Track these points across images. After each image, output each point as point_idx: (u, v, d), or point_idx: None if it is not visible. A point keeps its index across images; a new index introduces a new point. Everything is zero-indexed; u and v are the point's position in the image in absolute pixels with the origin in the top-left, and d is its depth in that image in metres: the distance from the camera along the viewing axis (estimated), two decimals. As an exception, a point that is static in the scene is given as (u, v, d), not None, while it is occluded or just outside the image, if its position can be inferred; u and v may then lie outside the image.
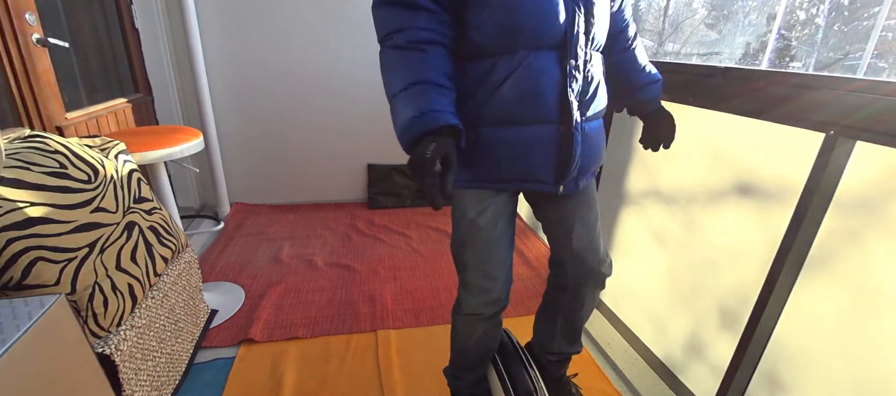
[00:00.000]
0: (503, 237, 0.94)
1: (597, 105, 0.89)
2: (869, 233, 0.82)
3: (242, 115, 2.40)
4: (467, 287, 0.97)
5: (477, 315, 0.99)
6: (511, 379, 1.06)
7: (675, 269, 1.31)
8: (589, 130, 0.88)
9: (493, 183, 0.89)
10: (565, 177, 0.87)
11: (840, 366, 0.88)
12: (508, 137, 0.84)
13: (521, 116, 0.83)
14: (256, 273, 1.86)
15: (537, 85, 0.81)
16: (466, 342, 1.06)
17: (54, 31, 1.54)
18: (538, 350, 1.18)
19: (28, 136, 0.99)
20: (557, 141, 0.84)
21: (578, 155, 0.85)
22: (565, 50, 0.81)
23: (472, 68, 0.83)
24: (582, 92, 0.84)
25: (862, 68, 5.98)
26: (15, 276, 0.80)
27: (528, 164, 0.86)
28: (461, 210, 0.93)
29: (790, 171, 0.96)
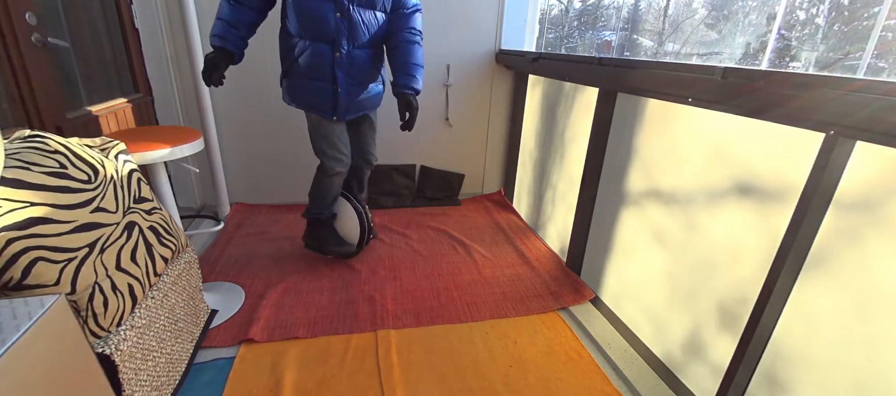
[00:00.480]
0: (342, 130, 1.74)
1: (360, 75, 1.63)
2: (869, 233, 0.82)
3: (242, 115, 2.40)
4: (326, 155, 1.72)
5: (338, 174, 1.77)
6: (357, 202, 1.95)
7: (674, 269, 1.31)
8: (351, 88, 1.63)
9: (304, 107, 1.67)
10: (336, 111, 1.65)
11: (840, 366, 0.88)
12: (306, 86, 1.61)
13: (312, 75, 1.59)
14: (256, 273, 1.86)
15: (319, 59, 1.56)
16: (330, 191, 1.82)
17: (54, 31, 1.54)
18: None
19: (28, 136, 0.99)
20: (331, 93, 1.61)
21: (343, 102, 1.63)
22: (334, 43, 1.55)
23: (289, 40, 1.58)
24: (347, 66, 1.59)
25: (862, 68, 5.97)
26: (15, 276, 0.80)
27: (317, 101, 1.63)
28: (310, 118, 1.71)
29: (790, 171, 0.96)
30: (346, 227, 1.92)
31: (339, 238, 1.91)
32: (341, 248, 1.88)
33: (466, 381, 1.32)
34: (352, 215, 1.87)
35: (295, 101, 1.65)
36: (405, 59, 1.60)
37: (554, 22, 12.45)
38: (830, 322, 0.89)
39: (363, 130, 1.85)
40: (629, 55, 10.74)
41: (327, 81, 1.57)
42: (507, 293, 1.79)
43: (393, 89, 1.64)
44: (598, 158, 1.69)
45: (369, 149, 1.90)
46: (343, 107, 1.63)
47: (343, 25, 1.51)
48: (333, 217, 1.92)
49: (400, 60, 1.61)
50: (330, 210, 1.89)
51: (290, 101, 1.66)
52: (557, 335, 1.54)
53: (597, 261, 1.75)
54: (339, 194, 1.88)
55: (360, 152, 1.89)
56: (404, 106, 1.62)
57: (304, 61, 1.55)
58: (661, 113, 1.36)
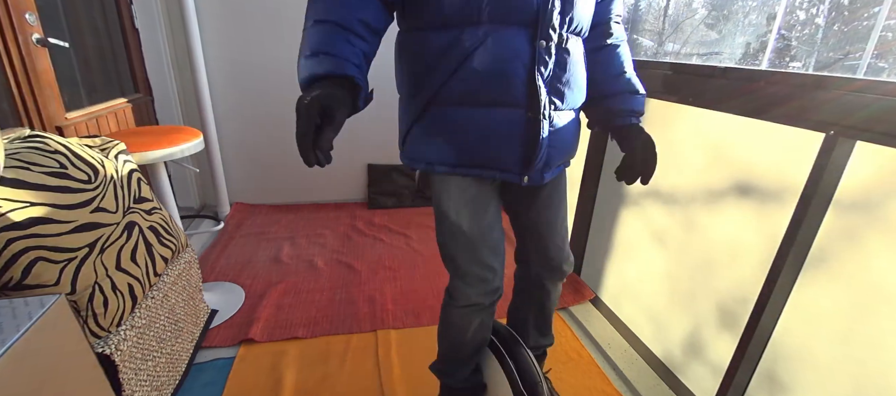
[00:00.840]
0: (495, 223, 0.91)
1: (571, 94, 0.83)
2: (869, 233, 0.82)
3: (242, 115, 2.40)
4: (463, 278, 0.92)
5: (475, 306, 0.95)
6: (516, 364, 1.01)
7: (674, 269, 1.31)
8: (559, 120, 0.82)
9: (465, 167, 0.83)
10: (530, 167, 0.82)
11: (840, 365, 0.88)
12: (471, 118, 0.79)
13: (486, 97, 0.77)
14: (256, 273, 1.86)
15: (504, 64, 0.75)
16: (464, 334, 1.00)
17: (54, 32, 1.54)
18: None
19: (28, 136, 0.99)
20: (523, 127, 0.79)
21: (546, 145, 0.80)
22: (537, 28, 0.74)
23: (434, 38, 0.77)
24: (554, 77, 0.79)
25: (862, 68, 5.97)
26: (15, 276, 0.80)
27: (492, 149, 0.81)
28: (439, 199, 0.88)
29: (790, 171, 0.96)
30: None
31: None
32: None
33: (466, 381, 1.32)
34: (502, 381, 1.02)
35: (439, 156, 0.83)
36: (622, 66, 0.92)
37: (554, 22, 12.36)
38: (830, 322, 0.89)
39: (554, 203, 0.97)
40: (629, 55, 10.70)
41: (518, 104, 0.78)
42: (508, 293, 1.79)
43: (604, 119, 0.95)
44: (598, 158, 1.69)
45: (562, 244, 1.01)
46: (543, 153, 0.81)
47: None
48: (479, 389, 1.12)
49: (615, 67, 0.92)
50: (466, 371, 1.09)
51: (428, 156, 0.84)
52: (557, 336, 1.54)
53: (597, 261, 1.75)
54: (485, 340, 1.06)
55: (539, 245, 1.00)
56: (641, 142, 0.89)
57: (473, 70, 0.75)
58: (661, 113, 1.36)
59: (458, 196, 0.86)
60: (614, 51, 0.92)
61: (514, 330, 1.13)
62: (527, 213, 0.97)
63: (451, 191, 0.86)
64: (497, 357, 1.05)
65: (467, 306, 0.95)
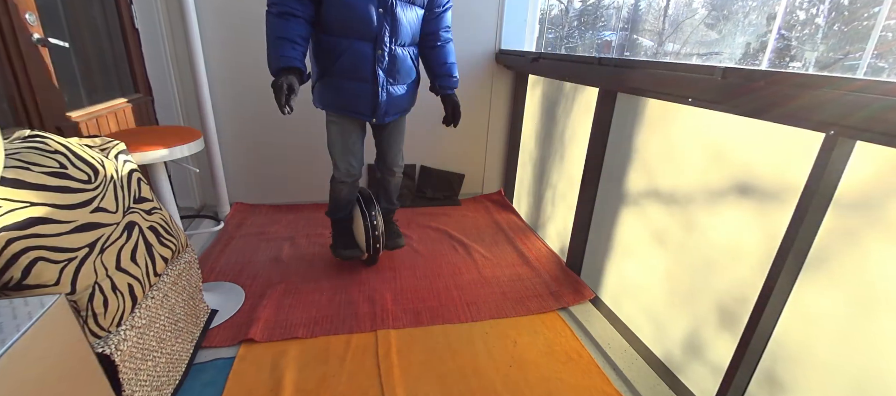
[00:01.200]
0: (357, 141, 1.70)
1: (399, 76, 1.59)
2: (869, 233, 0.82)
3: (242, 115, 2.40)
4: (338, 167, 1.71)
5: (343, 182, 1.75)
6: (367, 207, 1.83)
7: (674, 269, 1.31)
8: (391, 90, 1.59)
9: (340, 110, 1.60)
10: (376, 114, 1.59)
11: (840, 365, 0.88)
12: (345, 86, 1.54)
13: (352, 75, 1.52)
14: (256, 273, 1.86)
15: (360, 60, 1.50)
16: (339, 195, 1.79)
17: (54, 32, 1.54)
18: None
19: (28, 136, 0.99)
20: (370, 93, 1.55)
21: (383, 103, 1.58)
22: (376, 41, 1.49)
23: (327, 39, 1.50)
24: (388, 67, 1.54)
25: (862, 68, 5.97)
26: (15, 276, 0.80)
27: (355, 103, 1.57)
28: (329, 125, 1.66)
29: (790, 171, 0.96)
30: (358, 233, 1.86)
31: (347, 241, 1.88)
32: (347, 251, 1.85)
33: (466, 381, 1.32)
34: (359, 223, 1.82)
35: (329, 104, 1.59)
36: (445, 59, 1.65)
37: (554, 22, 12.46)
38: (830, 322, 0.89)
39: (393, 137, 1.78)
40: (629, 55, 10.74)
41: (367, 81, 1.52)
42: (507, 292, 1.79)
43: (437, 91, 1.72)
44: (597, 158, 1.69)
45: (395, 158, 1.82)
46: (383, 108, 1.58)
47: (386, 23, 1.46)
48: (346, 220, 1.89)
49: (439, 59, 1.65)
50: (342, 213, 1.86)
51: (324, 104, 1.60)
52: (557, 336, 1.54)
53: (597, 261, 1.75)
54: (352, 201, 1.85)
55: (384, 160, 1.83)
56: (451, 105, 1.69)
57: (344, 62, 1.48)
58: (661, 113, 1.36)
59: (337, 122, 1.64)
60: (440, 50, 1.66)
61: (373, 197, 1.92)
62: (380, 138, 1.80)
63: (333, 121, 1.64)
64: (358, 207, 1.85)
65: (340, 182, 1.75)
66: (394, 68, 1.55)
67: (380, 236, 1.80)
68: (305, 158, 2.57)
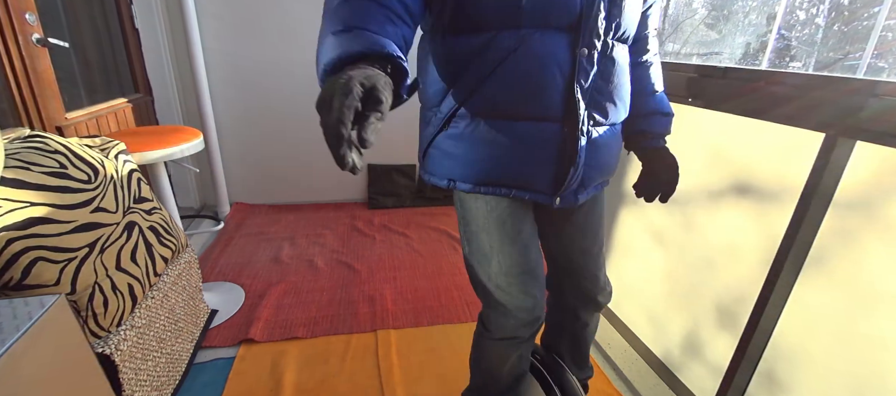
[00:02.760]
0: (532, 245, 0.80)
1: (614, 109, 0.75)
2: (869, 233, 0.82)
3: (242, 115, 2.40)
4: (500, 306, 0.80)
5: (514, 339, 0.84)
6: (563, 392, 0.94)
7: (674, 269, 1.31)
8: (599, 137, 0.75)
9: (492, 188, 0.76)
10: (564, 188, 0.74)
11: (839, 366, 0.88)
12: (500, 131, 0.71)
13: (518, 108, 0.70)
14: (256, 273, 1.86)
15: (540, 72, 0.67)
16: (500, 368, 0.89)
17: (54, 31, 1.54)
18: None
19: (28, 136, 0.99)
20: (558, 143, 0.71)
21: (582, 164, 0.73)
22: (579, 34, 0.66)
23: (464, 42, 0.69)
24: (595, 88, 0.71)
25: (862, 68, 5.97)
26: (15, 276, 0.80)
27: (521, 166, 0.73)
28: (470, 216, 0.79)
29: (790, 171, 0.96)
30: None
31: None
32: None
33: (466, 381, 1.31)
34: None
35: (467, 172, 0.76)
36: (653, 84, 0.87)
37: (554, 22, 12.37)
38: (830, 322, 0.89)
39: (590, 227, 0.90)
40: (629, 55, 10.70)
41: (553, 118, 0.71)
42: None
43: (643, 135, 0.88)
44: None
45: (596, 271, 0.93)
46: (580, 172, 0.75)
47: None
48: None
49: (646, 84, 0.86)
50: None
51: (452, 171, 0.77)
52: (557, 335, 1.54)
53: (597, 261, 1.75)
54: (523, 374, 0.94)
55: (573, 274, 0.93)
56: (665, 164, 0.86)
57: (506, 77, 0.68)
58: (661, 113, 1.36)
59: (487, 215, 0.77)
60: (650, 67, 0.87)
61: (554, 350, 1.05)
62: (559, 237, 0.89)
63: (480, 210, 0.78)
64: (541, 384, 0.96)
65: (504, 339, 0.84)
66: (608, 87, 0.73)
67: None
68: (306, 158, 2.57)
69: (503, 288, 0.78)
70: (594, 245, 0.90)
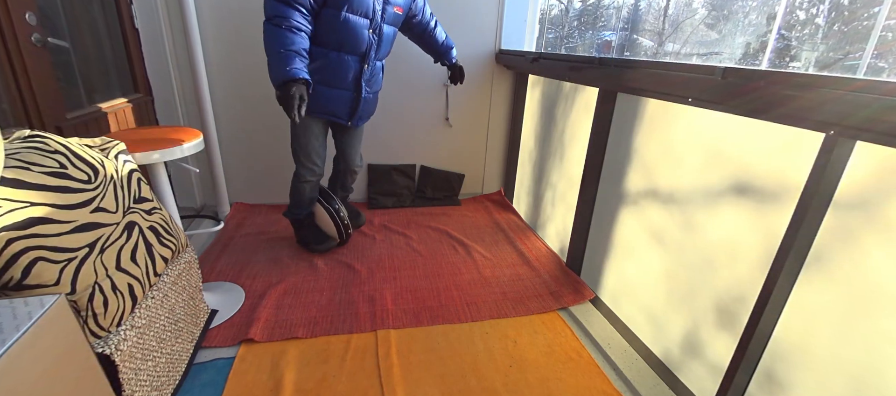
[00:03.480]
0: (324, 142, 1.91)
1: (375, 84, 1.88)
2: (869, 233, 0.82)
3: (242, 115, 2.40)
4: (304, 166, 1.88)
5: (308, 182, 1.92)
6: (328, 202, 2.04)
7: (674, 269, 1.31)
8: (367, 96, 1.85)
9: (321, 114, 1.79)
10: (353, 118, 1.87)
11: (839, 366, 0.88)
12: (325, 93, 1.74)
13: (337, 84, 1.74)
14: (256, 273, 1.86)
15: (347, 71, 1.73)
16: (303, 194, 1.96)
17: (54, 31, 1.54)
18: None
19: (28, 136, 0.99)
20: (351, 100, 1.81)
21: (361, 109, 1.85)
22: (363, 57, 1.74)
23: (318, 51, 1.66)
24: (369, 79, 1.80)
25: (862, 68, 5.98)
26: (15, 276, 0.80)
27: (335, 108, 1.80)
28: (298, 128, 1.81)
29: (790, 171, 0.96)
30: (324, 225, 2.08)
31: (319, 235, 2.06)
32: (322, 245, 2.04)
33: (466, 381, 1.32)
34: (324, 216, 2.03)
35: (311, 108, 1.71)
36: (443, 38, 2.08)
37: (554, 22, 12.46)
38: (830, 322, 0.89)
39: (356, 138, 2.06)
40: (629, 55, 10.74)
41: (349, 90, 1.77)
42: (507, 293, 1.79)
43: (445, 63, 2.15)
44: (597, 158, 1.69)
45: (355, 158, 2.10)
46: (359, 114, 1.86)
47: (374, 41, 1.71)
48: (310, 216, 2.08)
49: (438, 39, 2.06)
50: (306, 211, 2.04)
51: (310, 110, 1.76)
52: (557, 336, 1.54)
53: (597, 261, 1.75)
54: (314, 198, 2.03)
55: (346, 159, 2.09)
56: (458, 69, 2.17)
57: (329, 70, 1.69)
58: (661, 113, 1.37)
59: (308, 126, 1.81)
60: (435, 31, 2.04)
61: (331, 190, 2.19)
62: (343, 139, 2.05)
63: (306, 124, 1.80)
64: (319, 203, 2.05)
65: (305, 181, 1.91)
66: (372, 79, 1.84)
67: (347, 220, 2.06)
68: (305, 158, 2.57)
69: (306, 157, 1.87)
70: (357, 145, 2.08)
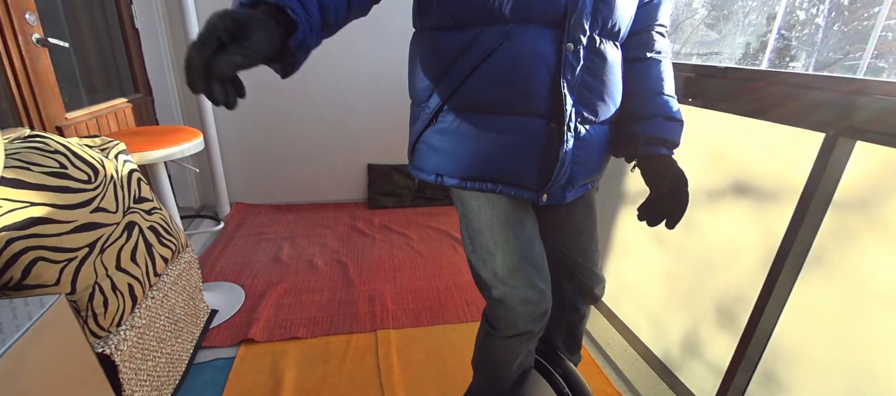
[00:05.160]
0: (535, 238, 0.80)
1: (604, 106, 0.75)
2: (869, 233, 0.82)
3: (242, 115, 2.40)
4: (503, 304, 0.78)
5: (523, 335, 0.81)
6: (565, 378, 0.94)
7: (674, 269, 1.31)
8: (587, 135, 0.74)
9: (477, 183, 0.76)
10: (550, 184, 0.74)
11: (839, 366, 0.88)
12: (486, 126, 0.72)
13: (504, 103, 0.70)
14: (256, 273, 1.86)
15: (525, 67, 0.68)
16: (508, 366, 0.87)
17: (54, 31, 1.54)
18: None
19: (28, 136, 0.99)
20: (544, 139, 0.72)
21: (569, 161, 0.73)
22: (564, 29, 0.67)
23: (448, 39, 0.71)
24: (582, 85, 0.71)
25: (862, 68, 5.97)
26: (15, 276, 0.80)
27: (507, 161, 0.73)
28: (469, 211, 0.79)
29: (790, 171, 0.96)
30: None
31: None
32: None
33: (466, 381, 1.31)
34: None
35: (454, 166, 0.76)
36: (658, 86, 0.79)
37: (554, 22, 12.38)
38: (830, 323, 0.89)
39: (584, 224, 0.92)
40: (629, 55, 10.70)
41: (539, 114, 0.71)
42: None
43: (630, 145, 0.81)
44: (598, 158, 1.69)
45: (591, 266, 0.94)
46: (565, 172, 0.75)
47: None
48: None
49: (649, 83, 0.79)
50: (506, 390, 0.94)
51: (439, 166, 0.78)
52: (557, 335, 1.54)
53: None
54: (529, 368, 0.95)
55: (572, 272, 0.94)
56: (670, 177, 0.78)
57: (492, 73, 0.69)
58: (661, 113, 1.36)
59: (490, 212, 0.77)
60: (654, 65, 0.80)
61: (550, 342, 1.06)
62: (556, 235, 0.90)
63: (483, 207, 0.77)
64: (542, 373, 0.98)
65: (514, 336, 0.81)
66: (595, 84, 0.73)
67: None
68: (306, 158, 2.58)
69: (509, 283, 0.77)
70: (591, 243, 0.93)
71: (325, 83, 2.41)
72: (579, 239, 0.91)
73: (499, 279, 0.77)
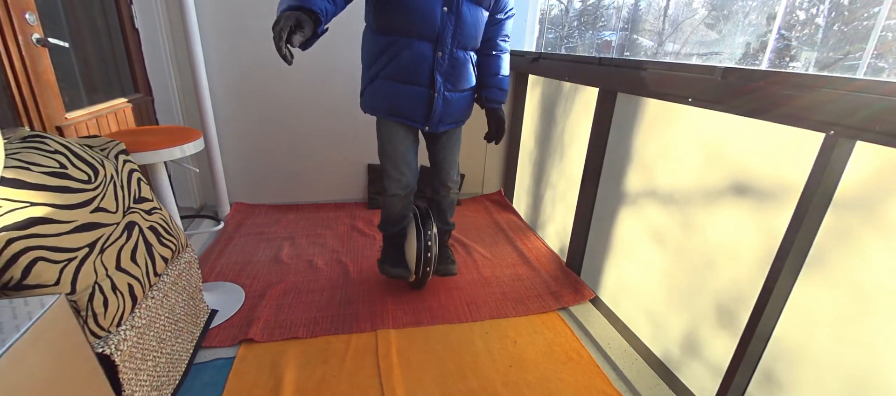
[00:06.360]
0: (410, 150, 1.53)
1: (458, 82, 1.45)
2: (869, 233, 0.82)
3: (242, 115, 2.40)
4: (389, 177, 1.55)
5: (396, 196, 1.58)
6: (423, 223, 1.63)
7: (674, 269, 1.31)
8: (448, 96, 1.45)
9: (392, 115, 1.46)
10: (429, 122, 1.46)
11: (839, 365, 0.88)
12: (399, 89, 1.41)
13: (406, 78, 1.39)
14: (256, 273, 1.86)
15: (418, 62, 1.36)
16: (392, 210, 1.63)
17: (54, 31, 1.54)
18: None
19: (28, 136, 0.99)
20: (425, 99, 1.42)
21: (439, 110, 1.45)
22: (437, 43, 1.36)
23: (382, 38, 1.37)
24: (447, 72, 1.40)
25: (862, 68, 5.97)
26: (15, 276, 0.80)
27: (409, 108, 1.44)
28: (379, 131, 1.52)
29: (790, 171, 0.96)
30: (409, 251, 1.67)
31: (396, 259, 1.70)
32: (395, 270, 1.67)
33: (466, 381, 1.32)
34: (412, 244, 1.62)
35: (379, 108, 1.45)
36: (498, 69, 1.51)
37: (554, 22, 12.44)
38: (830, 322, 0.89)
39: (448, 147, 1.61)
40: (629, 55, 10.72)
41: (423, 85, 1.39)
42: (507, 292, 1.79)
43: (482, 103, 1.58)
44: (597, 158, 1.69)
45: (449, 172, 1.66)
46: (437, 115, 1.45)
47: (450, 22, 1.32)
48: (400, 236, 1.72)
49: (492, 69, 1.51)
50: (395, 228, 1.70)
51: (373, 109, 1.47)
52: (557, 335, 1.54)
53: (596, 261, 1.75)
54: (406, 215, 1.67)
55: (438, 173, 1.67)
56: (496, 121, 1.59)
57: (399, 62, 1.36)
58: (661, 113, 1.36)
59: (394, 131, 1.50)
60: (496, 59, 1.52)
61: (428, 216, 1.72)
62: (431, 150, 1.66)
63: (390, 129, 1.50)
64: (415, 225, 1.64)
65: (393, 195, 1.58)
66: (454, 73, 1.41)
67: (432, 259, 1.59)
68: (306, 158, 2.58)
69: (393, 167, 1.52)
70: (449, 156, 1.63)
71: (325, 84, 2.41)
72: (447, 154, 1.63)
73: (389, 165, 1.53)
